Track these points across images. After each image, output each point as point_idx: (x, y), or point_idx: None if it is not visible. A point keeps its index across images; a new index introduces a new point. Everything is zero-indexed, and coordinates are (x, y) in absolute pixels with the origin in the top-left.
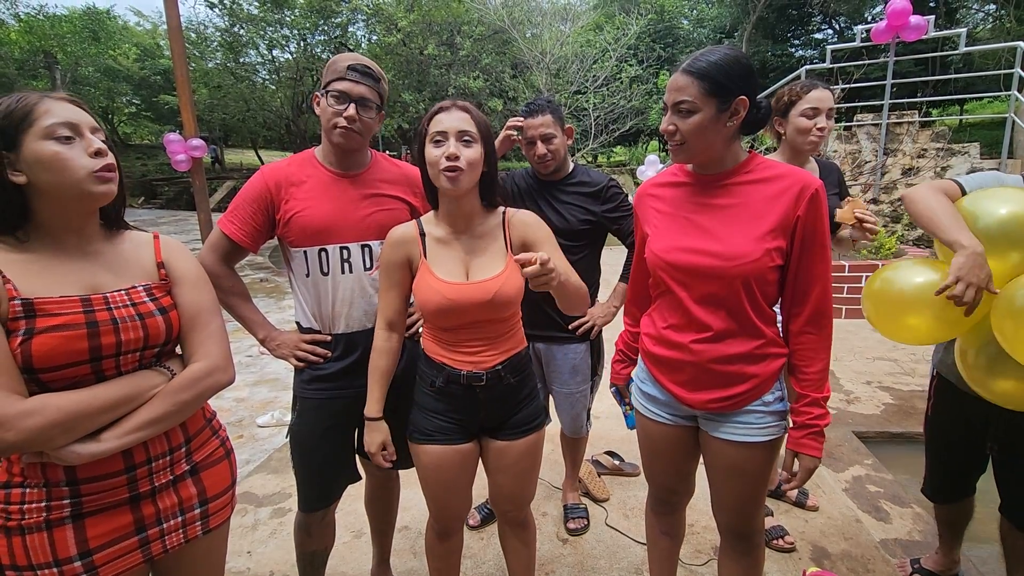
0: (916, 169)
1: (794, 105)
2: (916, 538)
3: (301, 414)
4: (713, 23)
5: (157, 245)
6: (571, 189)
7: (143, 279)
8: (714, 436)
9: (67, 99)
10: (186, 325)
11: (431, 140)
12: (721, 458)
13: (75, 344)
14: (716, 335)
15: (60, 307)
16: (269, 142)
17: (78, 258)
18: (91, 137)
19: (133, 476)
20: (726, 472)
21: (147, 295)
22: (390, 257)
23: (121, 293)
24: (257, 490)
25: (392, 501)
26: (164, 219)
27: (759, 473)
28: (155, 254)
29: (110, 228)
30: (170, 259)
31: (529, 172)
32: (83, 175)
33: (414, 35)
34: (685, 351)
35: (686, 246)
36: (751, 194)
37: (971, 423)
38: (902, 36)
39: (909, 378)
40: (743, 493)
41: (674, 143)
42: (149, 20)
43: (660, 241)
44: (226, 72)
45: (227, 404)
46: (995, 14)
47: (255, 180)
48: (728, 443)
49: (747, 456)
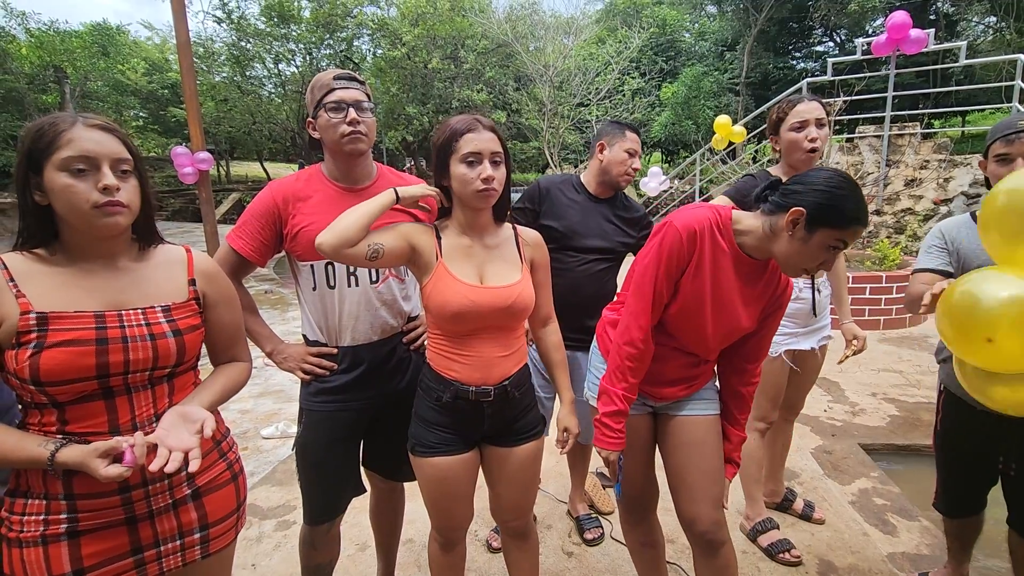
0: (919, 180)
1: (783, 121)
2: (924, 552)
3: (307, 427)
4: (715, 36)
5: (190, 262)
6: (619, 213)
7: (170, 297)
8: (678, 415)
9: (100, 126)
10: (228, 340)
11: (463, 160)
12: (685, 434)
13: (83, 360)
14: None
15: (73, 322)
16: (275, 154)
17: (105, 274)
18: (106, 171)
19: (128, 498)
20: (689, 448)
21: (164, 315)
22: (409, 230)
23: (137, 312)
24: (262, 503)
25: (397, 513)
26: (170, 231)
27: (717, 445)
28: (188, 271)
29: (143, 243)
30: (204, 279)
31: (576, 184)
32: (87, 208)
33: (418, 49)
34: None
35: (708, 316)
36: (762, 270)
37: (982, 437)
38: (903, 49)
39: (915, 390)
40: (708, 468)
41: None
42: (159, 34)
43: (694, 300)
44: (233, 86)
45: (231, 416)
46: (995, 26)
47: (263, 195)
48: (690, 417)
49: (708, 427)
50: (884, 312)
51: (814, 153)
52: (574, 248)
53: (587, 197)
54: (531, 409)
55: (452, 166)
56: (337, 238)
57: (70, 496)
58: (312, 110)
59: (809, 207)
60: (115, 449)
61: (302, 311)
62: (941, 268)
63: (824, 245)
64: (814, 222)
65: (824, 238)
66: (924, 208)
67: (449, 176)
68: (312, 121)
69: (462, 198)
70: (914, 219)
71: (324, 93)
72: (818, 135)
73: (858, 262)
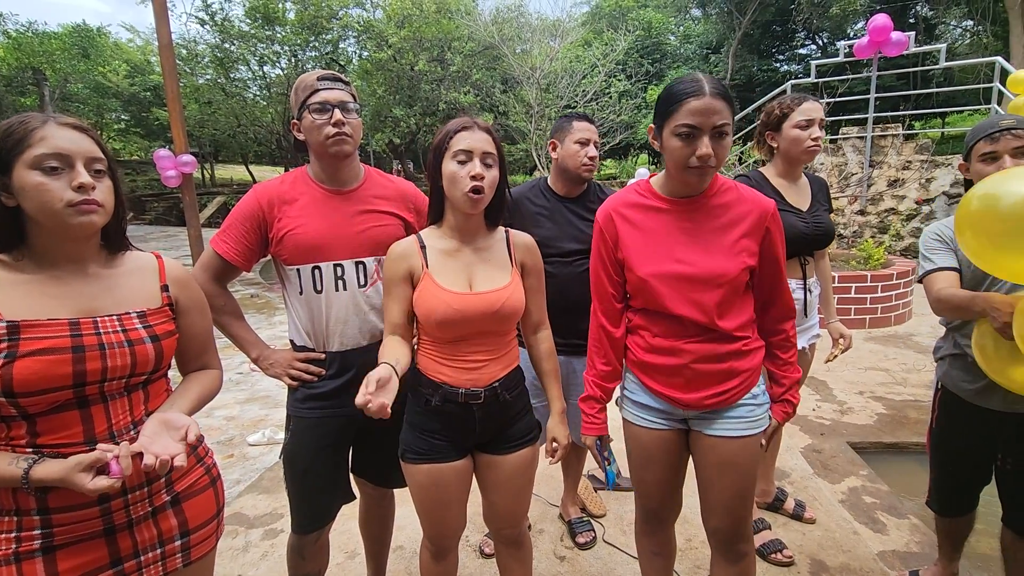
0: (901, 181)
1: (786, 118)
2: (914, 549)
3: (295, 434)
4: (700, 39)
5: (162, 268)
6: (590, 206)
7: (143, 303)
8: (708, 434)
9: (72, 125)
10: (198, 349)
11: (453, 157)
12: (715, 455)
13: (58, 369)
14: (706, 337)
15: (47, 330)
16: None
17: (74, 280)
18: (80, 169)
19: (107, 508)
20: (719, 468)
21: (140, 321)
22: (392, 271)
23: (112, 319)
24: (248, 511)
25: (387, 520)
26: (153, 235)
27: (750, 466)
28: (159, 277)
29: (112, 250)
30: (177, 286)
31: (543, 189)
32: (60, 207)
33: (405, 51)
34: (679, 354)
35: (672, 268)
36: (723, 214)
37: (978, 436)
38: (884, 51)
39: (901, 388)
40: (736, 489)
41: (707, 167)
42: (141, 36)
43: (645, 265)
44: (216, 88)
45: (217, 423)
46: (972, 30)
47: (247, 199)
48: (722, 439)
49: (740, 449)
50: (869, 311)
51: (814, 152)
52: (553, 255)
53: (556, 199)
54: (525, 414)
55: (444, 164)
56: None
57: (44, 511)
58: (296, 111)
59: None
60: (99, 461)
61: (289, 316)
62: (955, 266)
63: (672, 136)
64: (657, 121)
65: (668, 131)
66: (907, 208)
67: (442, 176)
68: (297, 122)
69: (451, 199)
70: (897, 219)
71: (308, 94)
72: (819, 135)
73: (843, 262)
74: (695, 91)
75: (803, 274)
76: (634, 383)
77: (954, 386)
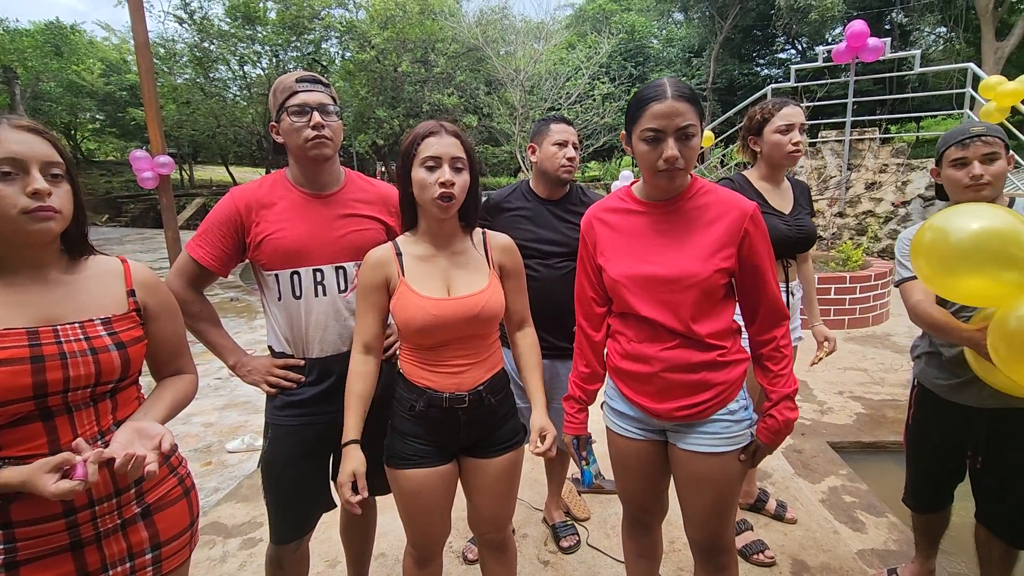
0: (879, 184)
1: (767, 123)
2: (892, 547)
3: (273, 442)
4: (682, 43)
5: (127, 272)
6: (572, 208)
7: (108, 309)
8: (682, 448)
9: (26, 127)
10: (170, 354)
11: (422, 163)
12: (690, 470)
13: (17, 380)
14: (679, 344)
15: (3, 340)
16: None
17: (34, 288)
18: (35, 175)
19: (73, 521)
20: (695, 484)
21: (104, 328)
22: (368, 280)
23: (75, 326)
24: (226, 520)
25: (369, 528)
26: (130, 237)
27: (727, 483)
28: (125, 282)
29: (73, 255)
30: (144, 290)
31: (526, 191)
32: (15, 214)
33: (388, 52)
34: (650, 362)
35: (642, 269)
36: (700, 217)
37: (952, 432)
38: (861, 57)
39: (879, 387)
40: (712, 505)
41: (675, 170)
42: (117, 34)
43: (617, 266)
44: (195, 88)
45: (195, 430)
46: (946, 36)
47: (224, 203)
48: (696, 454)
49: (715, 466)
50: (848, 312)
51: (796, 155)
52: (536, 256)
53: (538, 202)
54: (510, 418)
55: (413, 171)
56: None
57: (7, 525)
58: (275, 113)
59: (624, 124)
60: (67, 462)
61: (267, 322)
62: None
63: (639, 141)
64: (627, 128)
65: (636, 136)
66: (884, 210)
67: (411, 183)
68: (275, 125)
69: (422, 205)
70: (875, 221)
71: (287, 96)
72: (800, 139)
73: (823, 263)
74: (657, 95)
75: (786, 277)
76: (613, 389)
77: (929, 383)
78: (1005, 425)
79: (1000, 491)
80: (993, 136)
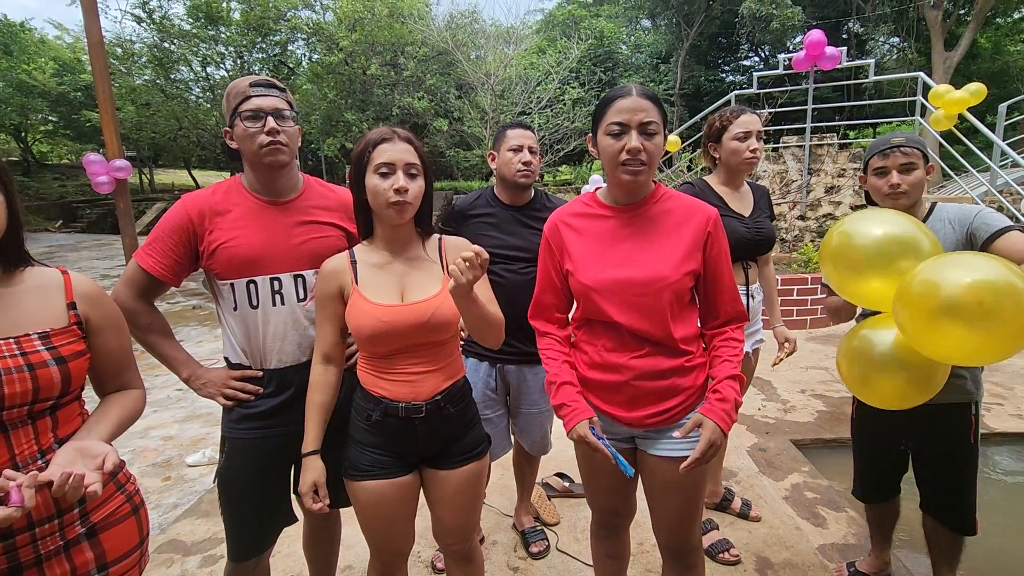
0: (837, 188)
1: (726, 130)
2: (851, 541)
3: (230, 456)
4: (650, 49)
5: (68, 284)
6: (536, 214)
7: (46, 323)
8: (652, 454)
9: None
10: (115, 369)
11: (375, 170)
12: (659, 475)
13: None
14: (649, 351)
15: None
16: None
17: None
18: None
19: (11, 544)
20: (664, 488)
21: (42, 343)
22: (323, 290)
23: (9, 341)
24: (185, 537)
25: (333, 541)
26: (86, 243)
27: (697, 486)
28: (66, 294)
29: (8, 267)
30: (87, 303)
31: (490, 198)
32: None
33: (356, 55)
34: (621, 371)
35: (614, 273)
36: (665, 221)
37: (891, 425)
38: (819, 65)
39: (839, 385)
40: (681, 508)
41: (639, 162)
42: (71, 33)
43: (587, 271)
44: (155, 89)
45: (154, 443)
46: (899, 46)
47: (175, 210)
48: (665, 459)
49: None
50: (810, 312)
51: (753, 161)
52: (501, 262)
53: (502, 207)
54: (472, 427)
55: (366, 178)
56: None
57: None
58: (228, 118)
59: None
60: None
61: (223, 332)
62: None
63: (604, 136)
64: (593, 129)
65: (601, 133)
66: (843, 213)
67: (365, 190)
68: (229, 130)
69: (377, 212)
70: (835, 223)
71: (240, 101)
72: (757, 146)
73: (785, 265)
74: (622, 94)
75: (746, 279)
76: None
77: None
78: (933, 420)
79: (936, 480)
80: (911, 147)
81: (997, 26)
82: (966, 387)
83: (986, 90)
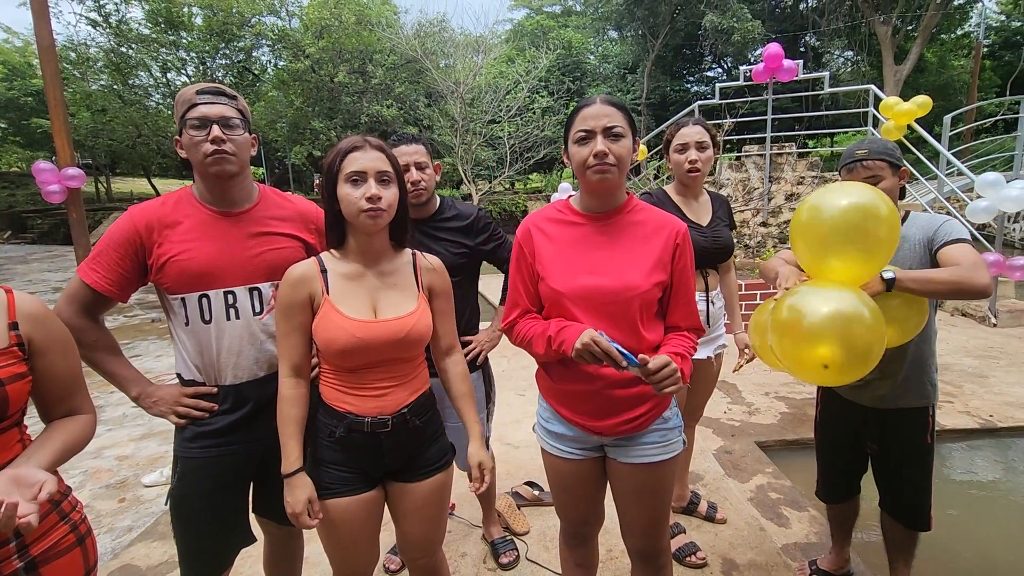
0: (796, 195)
1: (670, 143)
2: (813, 540)
3: (183, 476)
4: (617, 59)
5: (12, 304)
6: (443, 225)
7: None
8: (624, 462)
9: None
10: (63, 391)
11: (347, 179)
12: (631, 482)
13: None
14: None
15: None
16: (165, 170)
17: None
18: None
19: None
20: (636, 494)
21: None
22: (290, 298)
23: None
24: (140, 561)
25: (295, 560)
26: (36, 255)
27: (666, 491)
28: (8, 314)
29: None
30: (30, 323)
31: None
32: None
33: (324, 62)
34: (591, 380)
35: (585, 280)
36: (637, 231)
37: (852, 426)
38: (778, 76)
39: (802, 387)
40: (651, 513)
41: (606, 165)
42: (20, 37)
43: (559, 277)
44: (112, 95)
45: (108, 464)
46: (853, 60)
47: (121, 222)
48: (637, 466)
49: (655, 475)
50: None
51: (694, 173)
52: None
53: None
54: (437, 439)
55: (338, 187)
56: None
57: None
58: (178, 127)
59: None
60: None
61: (176, 348)
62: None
63: (573, 144)
64: (564, 140)
65: (571, 142)
66: None
67: (337, 200)
68: (178, 139)
69: (351, 222)
70: None
71: (186, 109)
72: (698, 157)
73: (748, 271)
74: (588, 103)
75: (705, 286)
76: (548, 411)
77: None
78: (892, 423)
79: (894, 480)
80: (874, 159)
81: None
82: (925, 391)
83: (932, 102)
